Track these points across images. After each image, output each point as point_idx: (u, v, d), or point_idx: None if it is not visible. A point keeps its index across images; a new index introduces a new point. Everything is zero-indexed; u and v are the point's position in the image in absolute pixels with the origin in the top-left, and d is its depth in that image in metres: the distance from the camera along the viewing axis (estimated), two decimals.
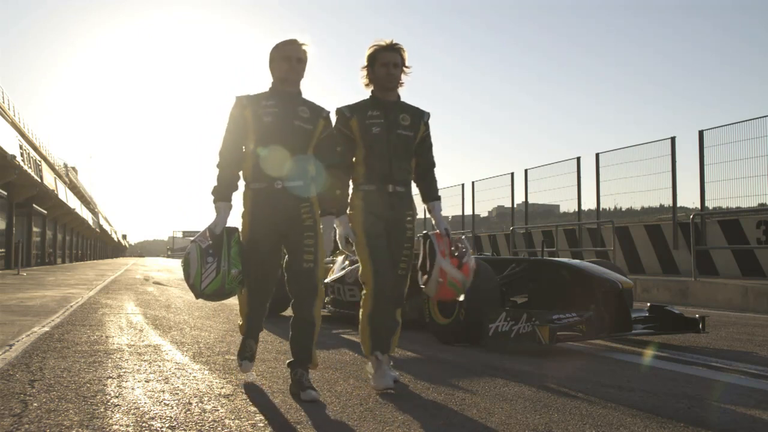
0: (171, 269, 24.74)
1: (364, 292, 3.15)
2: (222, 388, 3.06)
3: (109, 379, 3.18)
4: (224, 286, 2.86)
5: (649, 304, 5.08)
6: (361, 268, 3.15)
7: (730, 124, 10.85)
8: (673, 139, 11.94)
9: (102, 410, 2.56)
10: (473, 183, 18.54)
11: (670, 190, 12.00)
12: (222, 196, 3.00)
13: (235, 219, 3.09)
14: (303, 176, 2.99)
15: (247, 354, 3.22)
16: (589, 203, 14.37)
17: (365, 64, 3.20)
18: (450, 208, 19.37)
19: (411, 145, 3.21)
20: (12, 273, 16.40)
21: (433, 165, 3.34)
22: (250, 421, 2.46)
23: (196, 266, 2.85)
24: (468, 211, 18.90)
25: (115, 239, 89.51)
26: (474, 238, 17.82)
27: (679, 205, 12.08)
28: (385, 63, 3.13)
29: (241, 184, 3.06)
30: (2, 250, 21.14)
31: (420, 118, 3.25)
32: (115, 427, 2.34)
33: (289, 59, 2.97)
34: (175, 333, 5.10)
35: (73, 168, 45.41)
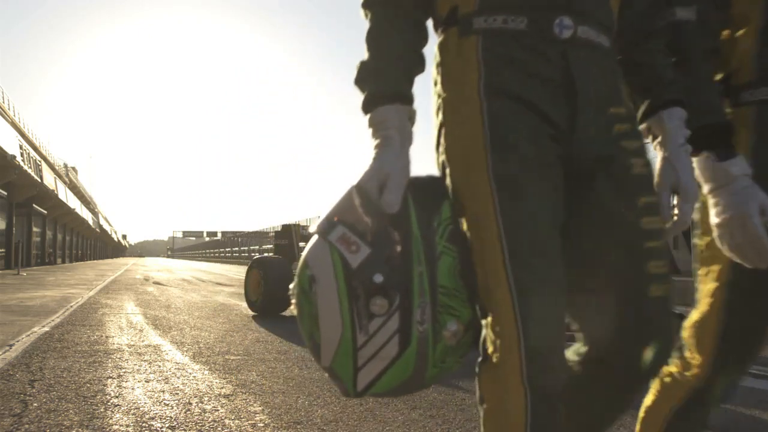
0: (171, 269, 24.77)
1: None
2: (222, 388, 3.06)
3: (109, 379, 3.18)
4: (424, 373, 1.05)
5: None
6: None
7: None
8: None
9: (102, 410, 2.56)
10: None
11: None
12: (389, 85, 1.04)
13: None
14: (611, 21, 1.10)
15: None
16: None
17: None
18: None
19: None
20: (12, 273, 16.41)
21: None
22: (250, 421, 2.46)
23: (339, 328, 0.99)
24: None
25: (115, 239, 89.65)
26: None
27: None
28: None
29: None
30: (2, 250, 21.18)
31: None
32: (115, 427, 2.34)
33: None
34: (175, 333, 5.10)
35: (73, 168, 45.49)
